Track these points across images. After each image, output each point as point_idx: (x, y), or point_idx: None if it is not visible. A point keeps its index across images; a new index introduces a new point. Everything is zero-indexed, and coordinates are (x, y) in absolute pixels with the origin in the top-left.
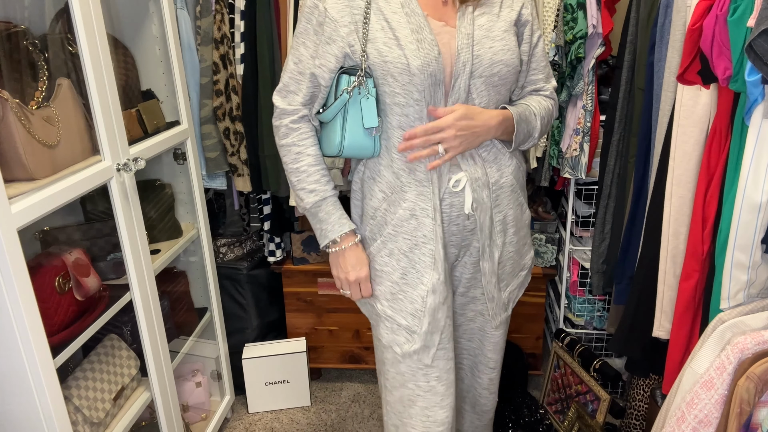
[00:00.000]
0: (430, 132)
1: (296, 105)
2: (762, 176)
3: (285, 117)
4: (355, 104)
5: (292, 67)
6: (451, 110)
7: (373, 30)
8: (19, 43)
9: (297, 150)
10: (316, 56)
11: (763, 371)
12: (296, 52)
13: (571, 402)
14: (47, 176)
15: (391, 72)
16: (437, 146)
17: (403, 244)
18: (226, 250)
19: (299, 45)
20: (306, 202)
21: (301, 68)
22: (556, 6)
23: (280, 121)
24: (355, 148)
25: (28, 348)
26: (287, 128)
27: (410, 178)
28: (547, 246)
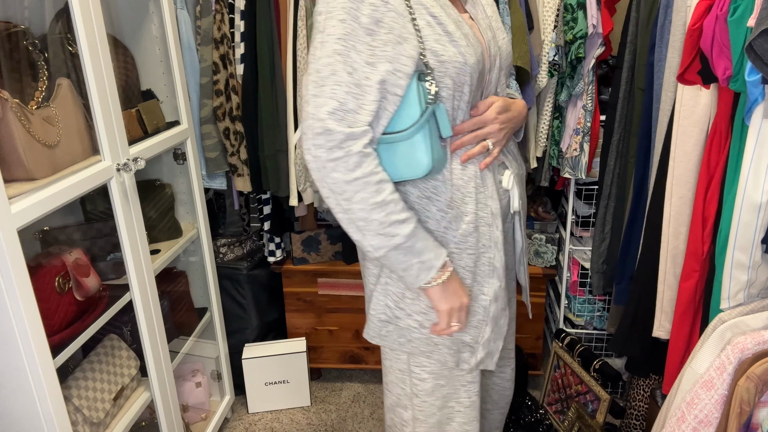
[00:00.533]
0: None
1: (363, 125)
2: (762, 176)
3: (352, 143)
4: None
5: (345, 78)
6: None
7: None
8: (19, 43)
9: (377, 179)
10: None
11: (763, 371)
12: (345, 59)
13: (571, 402)
14: (47, 176)
15: (449, 72)
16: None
17: (468, 260)
18: (226, 250)
19: (349, 50)
20: (401, 236)
21: (358, 79)
22: (556, 6)
23: (346, 149)
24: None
25: (28, 348)
26: (360, 155)
27: (469, 187)
28: (547, 246)
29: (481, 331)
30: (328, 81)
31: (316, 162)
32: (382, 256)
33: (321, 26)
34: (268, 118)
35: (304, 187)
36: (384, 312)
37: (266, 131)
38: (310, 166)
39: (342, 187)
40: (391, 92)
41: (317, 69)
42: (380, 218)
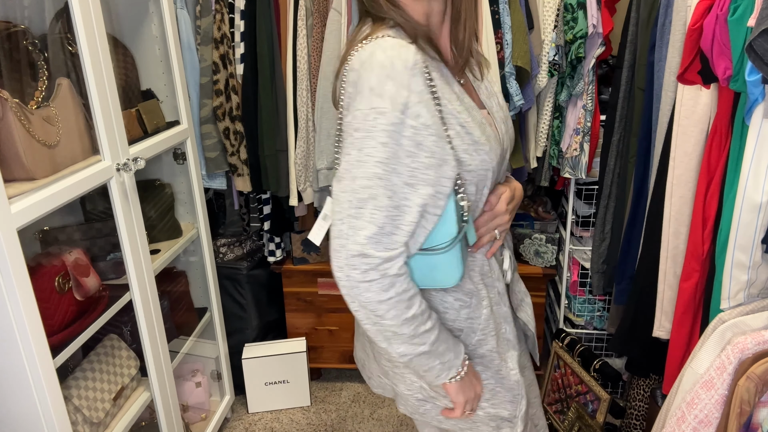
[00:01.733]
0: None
1: (399, 247)
2: (762, 176)
3: (388, 266)
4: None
5: (385, 203)
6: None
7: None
8: (19, 43)
9: (409, 296)
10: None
11: (763, 371)
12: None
13: (571, 402)
14: (47, 176)
15: (473, 180)
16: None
17: (493, 342)
18: (226, 250)
19: (389, 174)
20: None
21: (397, 201)
22: (556, 6)
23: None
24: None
25: (28, 348)
26: (395, 277)
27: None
28: (547, 246)
29: (518, 406)
30: (367, 204)
31: (348, 281)
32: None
33: (358, 144)
34: (268, 118)
35: (304, 187)
36: (420, 392)
37: (266, 131)
38: (341, 283)
39: (374, 306)
40: (430, 213)
41: (354, 189)
42: (409, 332)
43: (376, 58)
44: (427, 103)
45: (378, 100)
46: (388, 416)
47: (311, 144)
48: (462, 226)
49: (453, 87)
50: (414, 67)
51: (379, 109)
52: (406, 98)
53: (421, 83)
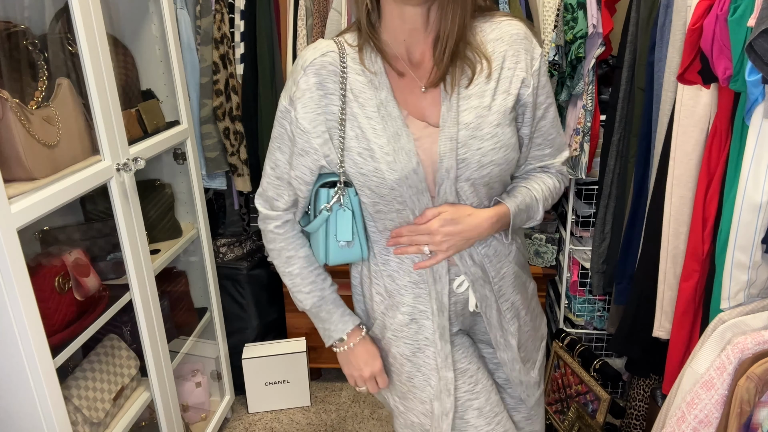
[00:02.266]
0: (416, 233)
1: (279, 210)
2: (762, 176)
3: (269, 222)
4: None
5: (269, 171)
6: (437, 213)
7: (349, 138)
8: (19, 43)
9: (287, 254)
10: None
11: (763, 371)
12: (273, 156)
13: (571, 402)
14: (47, 176)
15: (368, 184)
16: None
17: (405, 349)
18: (226, 250)
19: (275, 149)
20: (305, 304)
21: (279, 173)
22: (556, 6)
23: (265, 225)
24: (342, 258)
25: (28, 348)
26: (273, 234)
27: (406, 280)
28: (547, 246)
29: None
30: (265, 172)
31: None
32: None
33: None
34: (268, 118)
35: None
36: None
37: (266, 131)
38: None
39: (269, 253)
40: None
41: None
42: (289, 285)
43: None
44: (306, 101)
45: (283, 92)
46: (388, 416)
47: None
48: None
49: (379, 93)
50: (309, 67)
51: (281, 99)
52: (293, 92)
53: (311, 83)
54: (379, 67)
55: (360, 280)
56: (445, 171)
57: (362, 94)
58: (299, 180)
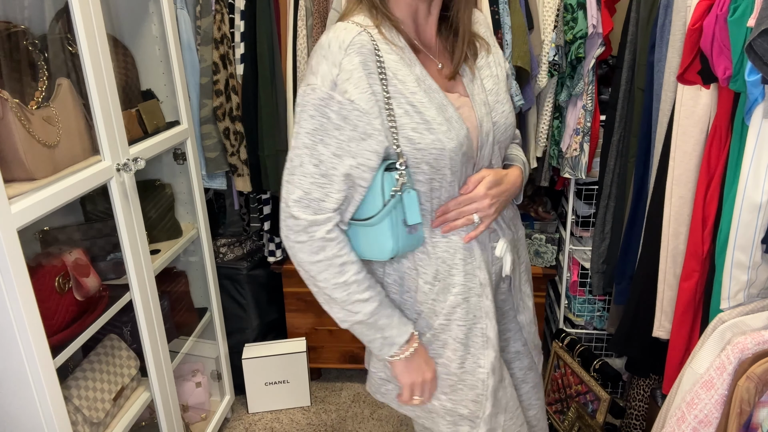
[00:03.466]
0: (463, 204)
1: (327, 212)
2: (762, 176)
3: (317, 228)
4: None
5: (312, 170)
6: (481, 178)
7: (399, 116)
8: (19, 43)
9: (340, 261)
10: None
11: (763, 371)
12: (313, 152)
13: (571, 402)
14: (47, 176)
15: (426, 159)
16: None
17: (458, 332)
18: (226, 250)
19: (316, 144)
20: (362, 313)
21: (324, 170)
22: (556, 6)
23: (310, 234)
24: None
25: (28, 348)
26: (323, 241)
27: (457, 258)
28: (547, 246)
29: (481, 407)
30: (296, 171)
31: (286, 241)
32: (348, 327)
33: (297, 117)
34: (268, 118)
35: None
36: (383, 371)
37: (266, 131)
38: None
39: (307, 267)
40: (357, 183)
41: (290, 158)
42: (342, 297)
43: (321, 40)
44: (357, 81)
45: (312, 78)
46: (388, 416)
47: None
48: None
49: (414, 69)
50: (349, 47)
51: (312, 85)
52: (335, 76)
53: (355, 62)
54: (404, 44)
55: (401, 275)
56: (485, 135)
57: (399, 72)
58: (363, 168)
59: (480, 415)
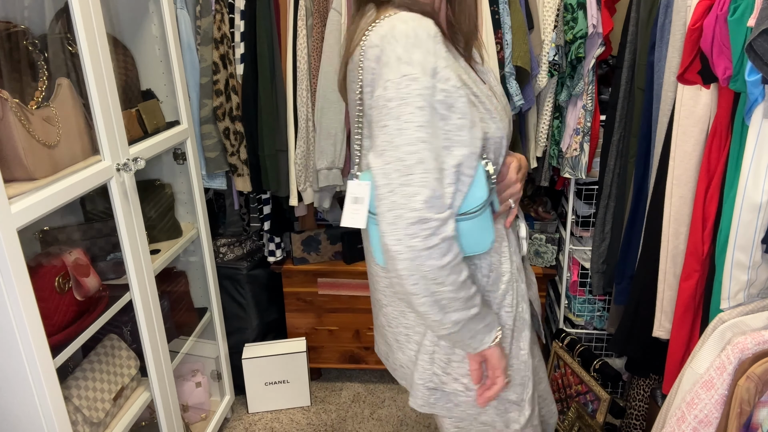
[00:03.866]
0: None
1: (447, 210)
2: (762, 176)
3: (444, 229)
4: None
5: (433, 165)
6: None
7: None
8: (19, 43)
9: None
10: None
11: (763, 371)
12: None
13: (571, 402)
14: (47, 176)
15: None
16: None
17: (508, 319)
18: (226, 250)
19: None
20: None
21: (439, 163)
22: (556, 6)
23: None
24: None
25: (28, 348)
26: (450, 241)
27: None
28: (547, 246)
29: (525, 388)
30: (416, 169)
31: (411, 252)
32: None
33: (395, 113)
34: (268, 118)
35: (304, 187)
36: (431, 380)
37: (266, 131)
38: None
39: (436, 273)
40: (465, 174)
41: (400, 158)
42: (465, 295)
43: (399, 30)
44: (452, 68)
45: (408, 68)
46: (388, 416)
47: (311, 144)
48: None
49: (460, 62)
50: (436, 35)
51: (411, 75)
52: (434, 64)
53: (444, 51)
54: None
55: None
56: (509, 122)
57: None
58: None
59: (524, 397)
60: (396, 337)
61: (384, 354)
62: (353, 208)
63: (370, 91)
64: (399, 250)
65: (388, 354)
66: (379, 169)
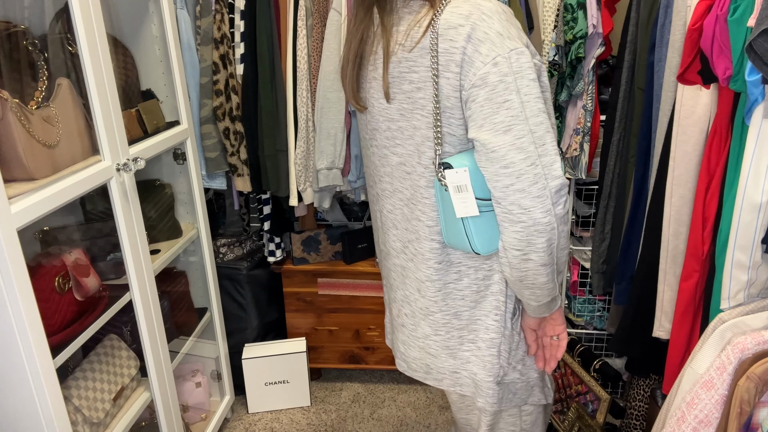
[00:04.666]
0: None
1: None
2: (762, 176)
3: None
4: None
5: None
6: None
7: None
8: (19, 43)
9: None
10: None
11: (763, 371)
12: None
13: (571, 402)
14: (47, 176)
15: None
16: None
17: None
18: (226, 250)
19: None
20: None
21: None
22: (556, 6)
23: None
24: None
25: (28, 348)
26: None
27: None
28: None
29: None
30: (546, 139)
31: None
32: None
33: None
34: (268, 118)
35: (304, 187)
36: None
37: (266, 131)
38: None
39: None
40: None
41: (531, 130)
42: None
43: (487, 7)
44: None
45: (512, 42)
46: (388, 416)
47: (311, 144)
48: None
49: None
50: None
51: (518, 49)
52: (525, 39)
53: None
54: None
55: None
56: None
57: None
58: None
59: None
60: (446, 344)
61: (423, 368)
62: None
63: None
64: (549, 221)
65: (431, 365)
66: (509, 145)
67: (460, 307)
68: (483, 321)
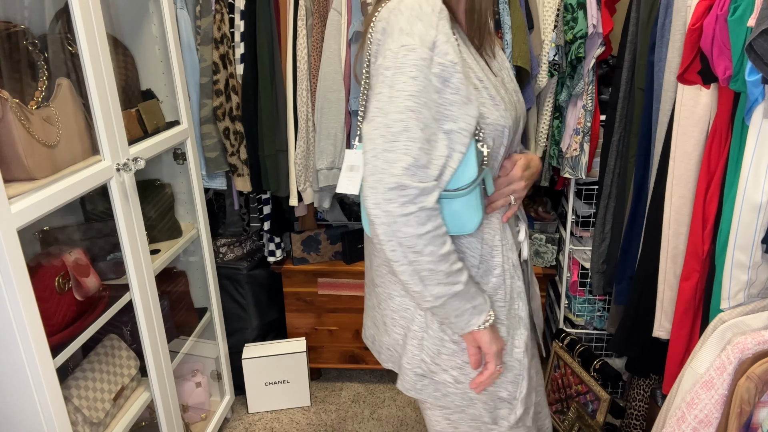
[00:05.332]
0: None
1: (432, 181)
2: (762, 176)
3: (424, 198)
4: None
5: (419, 135)
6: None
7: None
8: (19, 43)
9: (443, 231)
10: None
11: (763, 371)
12: (418, 115)
13: (571, 402)
14: (47, 176)
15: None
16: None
17: (501, 313)
18: (226, 250)
19: (421, 107)
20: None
21: (428, 134)
22: (556, 6)
23: (419, 205)
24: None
25: (28, 348)
26: (430, 212)
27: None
28: (547, 246)
29: (518, 387)
30: (400, 137)
31: (387, 216)
32: (440, 305)
33: (389, 81)
34: (267, 118)
35: (304, 187)
36: (419, 366)
37: (266, 131)
38: (378, 221)
39: (413, 241)
40: (456, 150)
41: (387, 124)
42: (445, 269)
43: (405, 3)
44: (453, 45)
45: (407, 38)
46: (388, 416)
47: (311, 144)
48: (482, 170)
49: (470, 49)
50: (441, 11)
51: (409, 46)
52: (434, 37)
53: (448, 27)
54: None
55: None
56: (519, 119)
57: (462, 47)
58: (464, 133)
59: (517, 395)
60: (384, 320)
61: (371, 337)
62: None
63: (374, 62)
64: (377, 214)
65: (375, 336)
66: (367, 134)
67: (393, 291)
68: (411, 311)
